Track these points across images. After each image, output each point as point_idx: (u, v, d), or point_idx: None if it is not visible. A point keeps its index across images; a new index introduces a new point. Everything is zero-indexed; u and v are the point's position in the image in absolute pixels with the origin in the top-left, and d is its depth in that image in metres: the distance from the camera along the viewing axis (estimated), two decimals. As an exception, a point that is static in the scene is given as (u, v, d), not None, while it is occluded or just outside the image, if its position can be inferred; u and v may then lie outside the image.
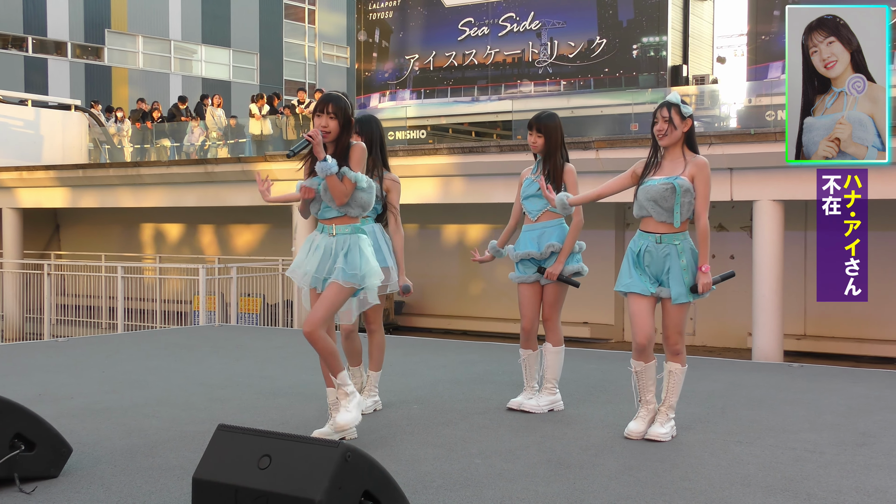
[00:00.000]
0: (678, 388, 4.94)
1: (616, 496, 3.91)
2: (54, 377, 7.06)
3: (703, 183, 4.80)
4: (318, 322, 4.53)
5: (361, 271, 4.54)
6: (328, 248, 4.61)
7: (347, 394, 4.63)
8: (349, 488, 3.09)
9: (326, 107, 4.56)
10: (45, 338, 15.30)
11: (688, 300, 4.84)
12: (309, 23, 39.47)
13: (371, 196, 4.60)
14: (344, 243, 4.58)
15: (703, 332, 15.69)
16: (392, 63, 23.62)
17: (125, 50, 33.38)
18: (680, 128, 4.84)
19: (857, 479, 4.19)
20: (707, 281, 4.80)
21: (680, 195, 4.77)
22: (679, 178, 4.78)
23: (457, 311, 18.14)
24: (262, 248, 19.49)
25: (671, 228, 4.82)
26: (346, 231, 4.60)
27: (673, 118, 4.83)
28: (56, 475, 4.11)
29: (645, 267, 4.88)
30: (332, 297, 4.55)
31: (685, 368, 4.96)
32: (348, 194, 4.52)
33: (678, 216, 4.80)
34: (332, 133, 4.56)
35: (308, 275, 4.66)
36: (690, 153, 4.88)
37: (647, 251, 4.87)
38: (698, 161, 4.84)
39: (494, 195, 14.41)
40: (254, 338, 10.12)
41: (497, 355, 8.33)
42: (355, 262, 4.54)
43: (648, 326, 4.88)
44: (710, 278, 4.81)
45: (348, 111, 4.59)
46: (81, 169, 19.68)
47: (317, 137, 4.48)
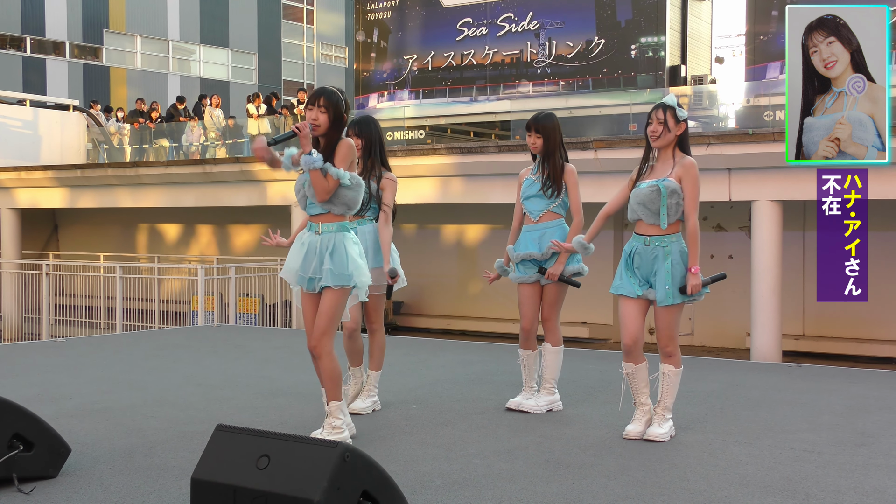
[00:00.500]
0: (673, 389, 4.94)
1: (615, 496, 3.91)
2: (53, 377, 7.05)
3: (690, 184, 4.81)
4: (322, 333, 4.47)
5: (348, 271, 4.48)
6: (313, 245, 4.56)
7: (335, 427, 4.58)
8: (348, 488, 3.09)
9: (318, 100, 4.51)
10: (43, 338, 15.29)
11: (673, 302, 4.82)
12: (307, 23, 39.46)
13: (357, 194, 4.52)
14: (329, 242, 4.52)
15: (702, 332, 15.69)
16: (390, 63, 23.62)
17: (123, 50, 33.37)
18: (674, 130, 4.85)
19: (856, 479, 4.19)
20: (696, 283, 4.78)
21: (665, 197, 4.79)
22: (666, 180, 4.80)
23: (455, 312, 18.14)
24: (261, 249, 19.46)
25: (659, 230, 4.84)
26: (331, 229, 4.53)
27: (668, 120, 4.84)
28: (54, 475, 4.11)
29: (635, 269, 4.91)
30: (330, 305, 4.48)
31: (680, 370, 4.94)
32: (330, 191, 4.45)
33: (664, 218, 4.81)
34: (322, 127, 4.51)
35: (293, 272, 4.61)
36: (681, 154, 4.89)
37: (637, 253, 4.91)
38: (685, 162, 4.84)
39: (493, 195, 14.41)
40: (252, 338, 10.11)
41: (496, 355, 8.33)
42: (342, 263, 4.48)
43: (634, 328, 4.90)
44: (699, 280, 4.79)
45: (340, 107, 4.53)
46: (80, 169, 19.66)
47: (304, 130, 4.43)
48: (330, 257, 4.49)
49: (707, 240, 15.68)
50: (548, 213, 5.53)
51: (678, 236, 4.89)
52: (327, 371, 4.52)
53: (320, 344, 4.48)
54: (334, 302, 4.49)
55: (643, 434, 4.94)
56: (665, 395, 4.93)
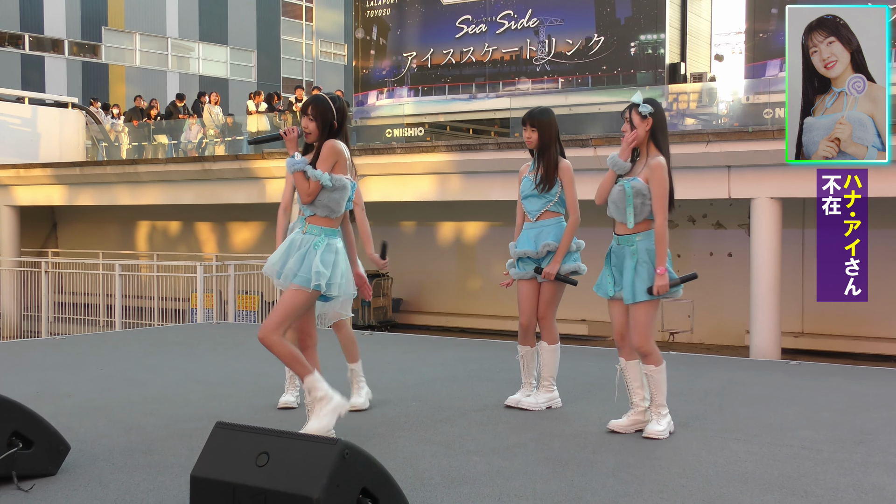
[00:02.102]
0: (661, 386, 4.92)
1: (614, 493, 3.91)
2: (52, 375, 7.05)
3: (656, 185, 4.81)
4: (271, 327, 4.49)
5: (308, 274, 4.49)
6: (293, 242, 4.62)
7: (319, 399, 4.53)
8: (347, 486, 3.09)
9: (308, 108, 4.64)
10: (42, 335, 15.29)
11: (635, 300, 4.82)
12: (306, 20, 39.44)
13: (340, 195, 4.55)
14: (306, 243, 4.56)
15: (701, 329, 15.70)
16: (390, 60, 23.61)
17: (122, 47, 33.35)
18: (641, 127, 4.85)
19: (855, 477, 4.20)
20: (662, 283, 4.77)
21: (631, 197, 4.81)
22: (634, 180, 4.83)
23: (454, 309, 18.15)
24: (260, 246, 19.48)
25: (627, 230, 4.89)
26: (314, 231, 4.58)
27: (633, 118, 4.85)
28: (54, 473, 4.11)
29: (612, 267, 4.99)
30: (286, 301, 4.53)
31: (661, 366, 4.91)
32: (312, 193, 4.52)
33: (630, 217, 4.85)
34: (313, 134, 4.64)
35: (270, 265, 4.66)
36: (654, 153, 4.88)
37: (613, 252, 5.01)
38: (652, 162, 4.85)
39: (492, 193, 14.42)
40: (252, 335, 10.08)
41: (494, 352, 8.33)
42: (308, 265, 4.50)
43: (619, 324, 5.02)
44: (665, 281, 4.78)
45: (329, 114, 4.61)
46: (79, 167, 19.66)
47: (290, 134, 4.57)
48: (300, 258, 4.53)
49: (706, 237, 15.68)
50: (545, 212, 5.53)
51: (646, 235, 4.87)
52: (284, 356, 4.53)
53: (267, 336, 4.50)
54: (291, 298, 4.52)
55: (627, 427, 4.97)
56: (654, 394, 4.93)
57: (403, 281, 17.89)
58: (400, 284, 18.03)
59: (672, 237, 5.21)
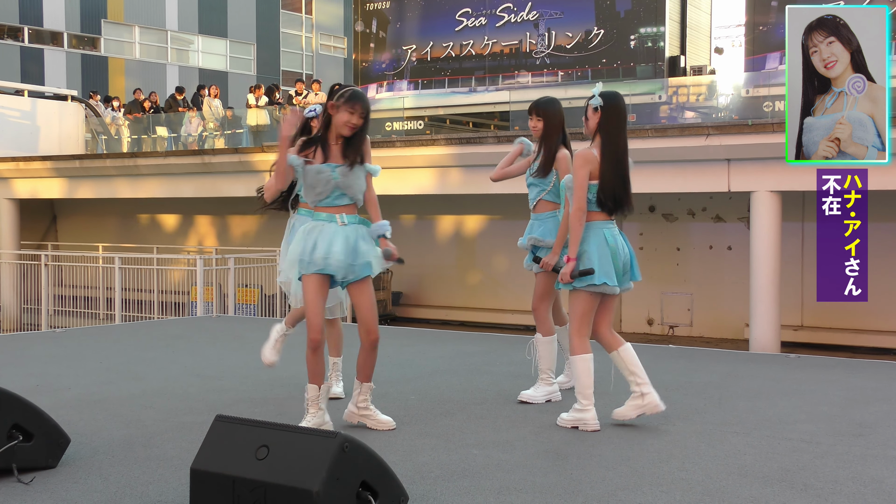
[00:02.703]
0: (580, 378, 4.90)
1: (613, 486, 3.92)
2: (52, 368, 7.06)
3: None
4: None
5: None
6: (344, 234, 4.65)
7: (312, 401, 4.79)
8: (347, 479, 3.09)
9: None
10: (42, 328, 15.30)
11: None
12: (306, 13, 39.36)
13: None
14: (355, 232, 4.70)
15: (700, 323, 15.71)
16: (389, 53, 23.57)
17: (121, 40, 33.28)
18: (592, 119, 4.86)
19: (854, 470, 4.20)
20: (555, 264, 5.11)
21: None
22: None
23: (454, 302, 18.15)
24: (260, 239, 19.47)
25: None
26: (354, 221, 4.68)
27: (587, 111, 4.87)
28: (54, 466, 4.11)
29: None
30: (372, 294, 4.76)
31: (576, 357, 4.91)
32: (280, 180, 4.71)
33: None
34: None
35: (340, 262, 4.64)
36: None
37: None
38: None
39: (492, 186, 14.37)
40: (251, 328, 10.11)
41: (494, 346, 8.33)
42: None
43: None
44: (562, 264, 4.88)
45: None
46: (78, 159, 19.64)
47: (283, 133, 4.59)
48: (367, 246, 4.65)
49: (706, 230, 15.68)
50: (541, 202, 5.55)
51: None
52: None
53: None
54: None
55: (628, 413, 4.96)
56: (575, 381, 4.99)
57: (403, 274, 17.89)
58: (400, 278, 18.03)
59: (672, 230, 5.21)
